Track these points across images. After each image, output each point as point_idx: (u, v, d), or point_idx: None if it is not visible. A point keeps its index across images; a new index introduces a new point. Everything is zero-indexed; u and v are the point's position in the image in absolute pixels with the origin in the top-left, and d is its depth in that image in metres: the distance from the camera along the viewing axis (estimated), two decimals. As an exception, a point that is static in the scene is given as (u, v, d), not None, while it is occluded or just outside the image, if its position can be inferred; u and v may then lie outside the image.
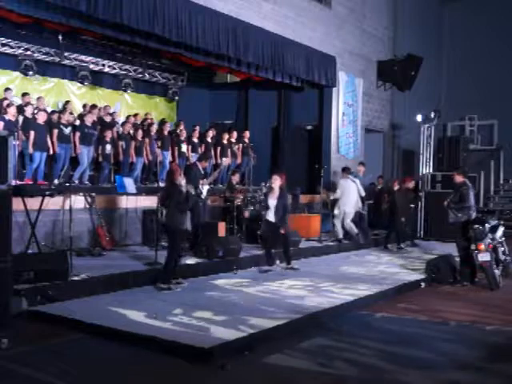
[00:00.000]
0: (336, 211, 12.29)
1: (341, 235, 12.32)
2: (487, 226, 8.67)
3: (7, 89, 11.41)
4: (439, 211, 12.86)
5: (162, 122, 14.05)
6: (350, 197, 12.22)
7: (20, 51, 12.39)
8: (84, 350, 5.32)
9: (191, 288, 7.80)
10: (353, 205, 12.28)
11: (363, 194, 12.58)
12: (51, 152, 11.08)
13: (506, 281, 8.91)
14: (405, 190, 12.75)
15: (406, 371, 4.89)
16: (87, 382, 4.62)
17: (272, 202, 9.26)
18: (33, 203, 8.27)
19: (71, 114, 11.89)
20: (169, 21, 10.52)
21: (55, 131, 11.07)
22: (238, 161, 14.84)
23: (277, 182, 9.32)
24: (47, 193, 8.39)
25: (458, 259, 9.13)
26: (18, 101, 11.52)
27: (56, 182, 10.80)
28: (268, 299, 7.20)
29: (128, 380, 4.66)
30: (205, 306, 6.64)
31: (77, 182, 11.32)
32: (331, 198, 12.65)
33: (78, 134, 11.46)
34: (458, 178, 9.35)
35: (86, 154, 11.46)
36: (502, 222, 9.98)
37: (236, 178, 12.17)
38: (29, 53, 12.53)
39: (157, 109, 15.99)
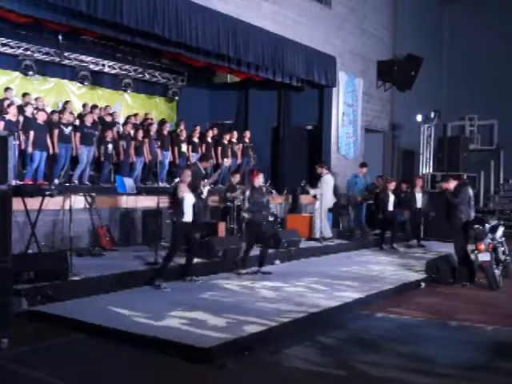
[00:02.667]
0: (317, 206, 12.28)
1: (329, 234, 12.35)
2: (487, 225, 8.66)
3: (7, 88, 11.41)
4: (439, 211, 12.90)
5: (162, 122, 14.05)
6: (330, 193, 12.26)
7: (20, 51, 12.40)
8: (84, 350, 5.32)
9: (191, 288, 7.80)
10: (331, 201, 12.35)
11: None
12: (51, 152, 11.08)
13: (506, 281, 8.91)
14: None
15: (406, 371, 4.89)
16: (87, 382, 4.62)
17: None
18: (33, 203, 8.26)
19: (71, 113, 11.89)
20: (169, 21, 10.52)
21: (55, 131, 11.07)
22: (239, 161, 14.85)
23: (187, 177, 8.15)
24: (47, 193, 8.38)
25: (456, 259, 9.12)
26: (18, 101, 11.52)
27: (56, 181, 10.79)
28: (268, 299, 7.20)
29: (128, 380, 4.66)
30: (205, 305, 6.64)
31: (77, 181, 11.32)
32: (311, 193, 12.59)
33: (78, 134, 11.47)
34: (449, 185, 9.22)
35: (85, 153, 11.46)
36: (502, 222, 9.98)
37: (236, 178, 12.16)
38: (29, 53, 12.54)
39: (157, 109, 16.00)
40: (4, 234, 5.21)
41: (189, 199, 7.86)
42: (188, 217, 7.83)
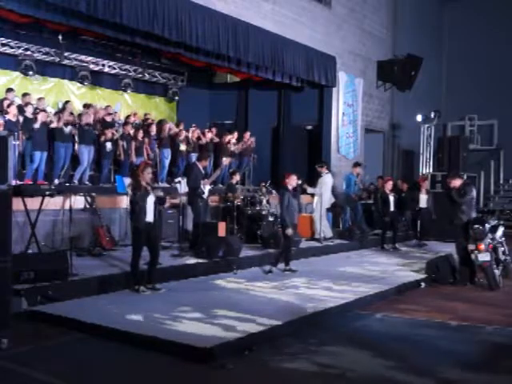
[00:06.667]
0: (316, 206, 12.28)
1: (329, 234, 12.36)
2: (487, 226, 8.66)
3: (9, 89, 11.42)
4: (439, 211, 12.91)
5: (162, 122, 14.04)
6: (328, 193, 12.27)
7: (20, 51, 12.40)
8: (84, 350, 5.32)
9: (191, 288, 7.80)
10: (329, 202, 12.37)
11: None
12: (51, 152, 11.08)
13: (506, 281, 8.91)
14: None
15: (405, 371, 4.89)
16: (87, 381, 4.62)
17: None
18: (33, 203, 8.26)
19: (71, 113, 11.88)
20: (169, 21, 10.52)
21: (55, 131, 11.06)
22: (238, 161, 14.85)
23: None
24: (47, 193, 8.39)
25: (457, 259, 9.12)
26: (19, 101, 11.52)
27: (56, 181, 10.79)
28: (268, 299, 7.20)
29: (128, 380, 4.66)
30: (205, 306, 6.63)
31: (77, 182, 11.32)
32: (309, 191, 12.60)
33: (78, 134, 11.46)
34: (456, 182, 9.22)
35: (86, 153, 11.46)
36: (502, 222, 9.97)
37: (236, 178, 12.19)
38: (29, 53, 12.54)
39: (157, 109, 15.99)
40: (4, 234, 5.21)
41: (149, 198, 7.33)
42: (149, 217, 7.29)
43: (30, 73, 12.59)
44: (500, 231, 9.23)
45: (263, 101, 16.49)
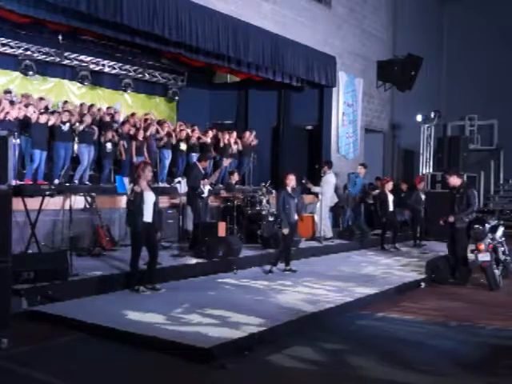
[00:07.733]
0: (318, 206, 12.30)
1: (329, 234, 12.37)
2: (487, 225, 8.66)
3: (7, 90, 11.42)
4: (439, 211, 12.89)
5: (162, 122, 14.04)
6: (330, 192, 12.29)
7: (20, 51, 12.41)
8: (84, 350, 5.32)
9: (191, 288, 7.80)
10: (331, 200, 12.40)
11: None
12: (51, 152, 11.07)
13: (506, 281, 8.91)
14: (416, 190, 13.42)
15: (405, 371, 4.89)
16: (87, 382, 4.62)
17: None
18: (33, 203, 8.26)
19: (70, 113, 11.88)
20: (169, 21, 10.53)
21: (55, 130, 11.06)
22: (238, 161, 14.85)
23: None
24: (47, 193, 8.39)
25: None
26: (19, 101, 11.52)
27: (56, 181, 10.79)
28: (268, 299, 7.20)
29: (128, 380, 4.66)
30: (205, 306, 6.63)
31: (77, 182, 11.32)
32: (313, 190, 12.61)
33: (77, 134, 11.46)
34: (455, 181, 9.18)
35: (86, 153, 11.47)
36: (502, 222, 9.97)
37: (235, 178, 12.18)
38: (29, 53, 12.55)
39: (157, 109, 15.99)
40: (4, 234, 5.21)
41: (148, 198, 7.33)
42: (147, 217, 7.25)
43: (30, 73, 12.60)
44: (500, 231, 9.23)
45: (263, 101, 16.50)
